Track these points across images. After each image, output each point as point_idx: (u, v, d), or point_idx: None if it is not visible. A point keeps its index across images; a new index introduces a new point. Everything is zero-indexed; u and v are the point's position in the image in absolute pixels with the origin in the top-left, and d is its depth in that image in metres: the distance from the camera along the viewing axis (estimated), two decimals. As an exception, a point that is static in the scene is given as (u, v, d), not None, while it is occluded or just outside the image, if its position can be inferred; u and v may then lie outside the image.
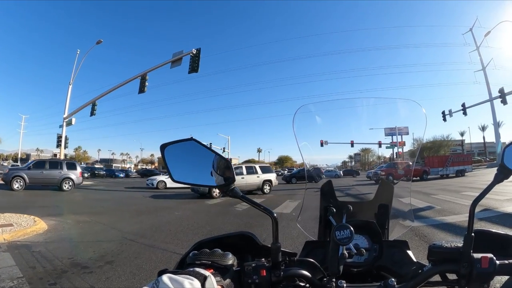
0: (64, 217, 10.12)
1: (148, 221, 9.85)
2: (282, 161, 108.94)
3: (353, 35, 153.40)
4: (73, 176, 20.62)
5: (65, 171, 20.41)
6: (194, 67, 21.41)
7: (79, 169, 21.70)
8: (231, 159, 66.48)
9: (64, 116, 31.94)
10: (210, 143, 63.28)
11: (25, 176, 19.00)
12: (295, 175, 35.55)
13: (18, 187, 18.59)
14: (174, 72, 23.39)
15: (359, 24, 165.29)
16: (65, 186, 20.10)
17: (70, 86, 33.31)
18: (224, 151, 67.60)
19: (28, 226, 7.91)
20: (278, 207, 12.41)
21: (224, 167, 1.10)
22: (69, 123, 31.58)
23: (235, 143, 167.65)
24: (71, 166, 21.36)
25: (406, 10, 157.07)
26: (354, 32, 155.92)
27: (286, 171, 62.59)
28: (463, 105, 31.86)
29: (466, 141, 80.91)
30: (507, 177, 1.06)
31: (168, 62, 23.48)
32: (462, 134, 79.93)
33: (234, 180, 1.06)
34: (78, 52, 34.15)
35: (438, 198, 13.62)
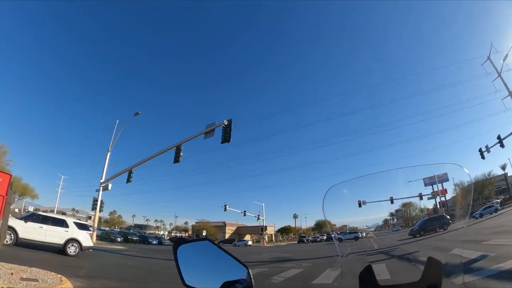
0: (92, 280, 9.90)
1: None
2: (320, 226, 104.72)
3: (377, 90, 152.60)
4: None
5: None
6: (226, 138, 22.03)
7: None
8: (266, 226, 65.19)
9: (101, 181, 33.75)
10: (244, 211, 63.10)
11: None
12: None
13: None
14: (208, 141, 24.23)
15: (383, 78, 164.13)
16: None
17: (109, 153, 35.67)
18: (258, 218, 66.37)
19: (53, 284, 7.73)
20: (318, 277, 11.22)
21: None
22: (105, 188, 33.23)
23: (270, 210, 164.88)
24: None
25: (421, 56, 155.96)
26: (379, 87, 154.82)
27: (324, 236, 60.12)
28: (498, 137, 30.59)
29: (509, 174, 72.69)
30: None
31: (201, 133, 24.49)
32: (503, 168, 72.19)
33: None
34: (117, 122, 37.27)
35: (490, 244, 12.15)
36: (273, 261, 20.21)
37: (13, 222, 14.73)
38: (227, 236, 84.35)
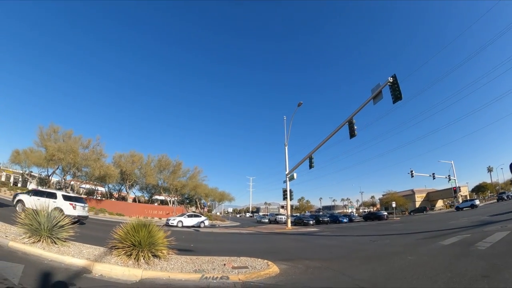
0: (295, 262, 10.20)
1: (379, 267, 8.89)
2: None
3: None
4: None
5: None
6: (396, 95, 19.93)
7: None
8: (459, 187, 56.95)
9: (286, 172, 36.48)
10: (433, 173, 56.78)
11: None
12: None
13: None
14: (378, 107, 22.47)
15: None
16: None
17: (286, 147, 38.14)
18: (449, 179, 58.38)
19: (261, 269, 8.31)
20: None
21: None
22: (291, 178, 35.64)
23: (460, 168, 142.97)
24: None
25: None
26: None
27: None
28: None
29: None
30: None
31: (369, 99, 23.00)
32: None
33: None
34: (285, 118, 39.76)
35: None
36: (473, 226, 17.79)
37: (22, 196, 21.11)
38: (417, 204, 78.15)
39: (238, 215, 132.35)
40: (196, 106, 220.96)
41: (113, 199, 55.97)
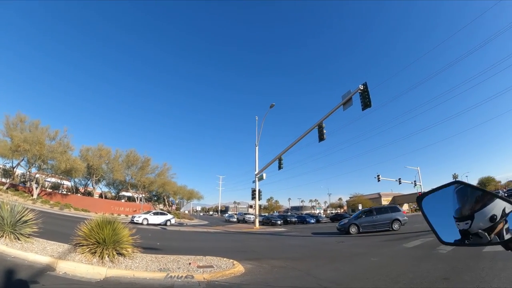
0: (260, 261, 10.38)
1: (343, 267, 9.27)
2: (484, 184, 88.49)
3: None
4: None
5: None
6: (366, 103, 20.74)
7: None
8: (424, 192, 59.64)
9: (256, 172, 36.58)
10: (399, 179, 58.71)
11: None
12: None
13: None
14: (349, 112, 23.01)
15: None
16: None
17: (257, 147, 38.20)
18: (415, 184, 60.66)
19: (227, 269, 8.42)
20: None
21: None
22: (260, 178, 35.88)
23: (426, 174, 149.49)
24: None
25: None
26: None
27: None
28: None
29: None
30: None
31: (339, 105, 23.66)
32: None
33: None
34: (256, 118, 39.86)
35: None
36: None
37: None
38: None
39: (202, 214, 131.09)
40: (167, 102, 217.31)
41: (79, 194, 54.24)
